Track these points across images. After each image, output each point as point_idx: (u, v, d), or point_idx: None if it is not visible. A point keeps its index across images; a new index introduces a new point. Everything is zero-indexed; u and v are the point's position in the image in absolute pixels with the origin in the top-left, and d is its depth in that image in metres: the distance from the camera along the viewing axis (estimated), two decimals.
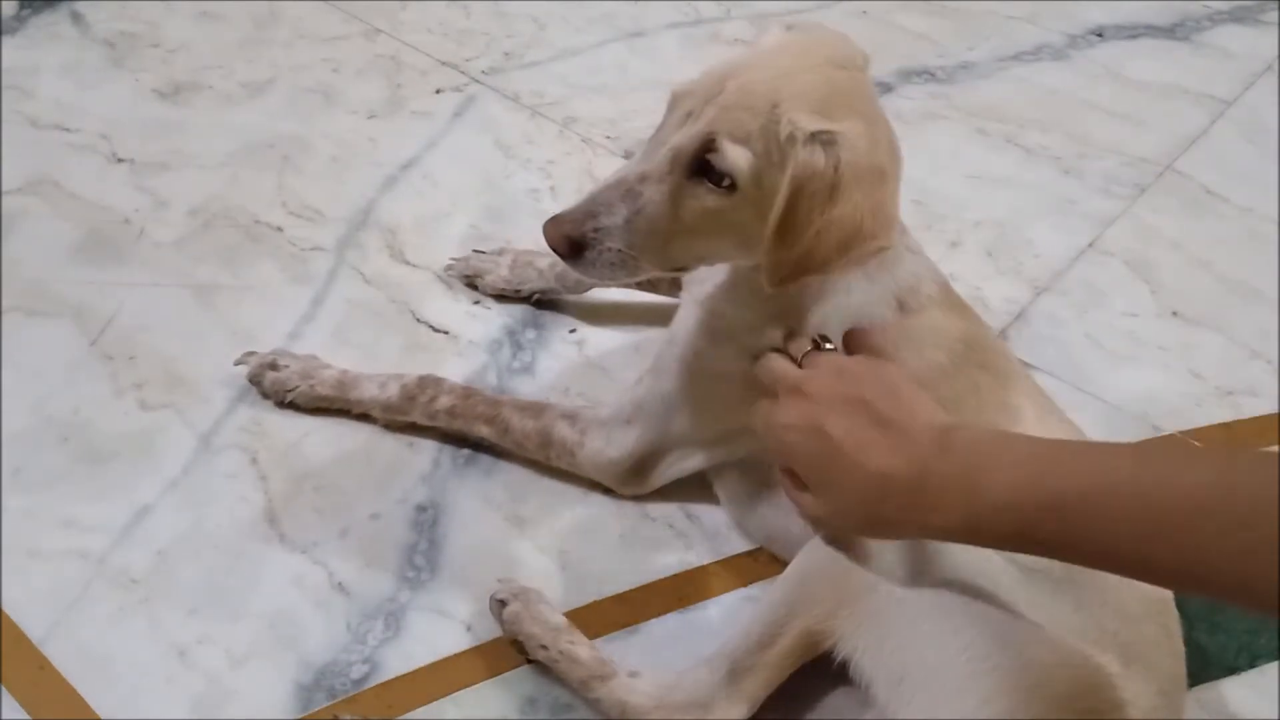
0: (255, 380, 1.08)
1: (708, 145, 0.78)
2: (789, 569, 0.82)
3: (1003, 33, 1.64)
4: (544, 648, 0.89)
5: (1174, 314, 1.24)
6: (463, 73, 1.52)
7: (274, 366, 1.07)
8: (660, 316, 1.17)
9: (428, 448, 1.06)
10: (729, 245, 0.83)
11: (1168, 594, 0.82)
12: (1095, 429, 0.90)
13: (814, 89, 0.77)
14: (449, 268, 1.23)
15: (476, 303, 1.20)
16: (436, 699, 0.90)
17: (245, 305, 1.19)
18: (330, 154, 1.39)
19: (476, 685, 0.90)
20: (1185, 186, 1.40)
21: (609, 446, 0.98)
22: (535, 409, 1.01)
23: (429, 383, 1.04)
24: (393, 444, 1.06)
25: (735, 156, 0.77)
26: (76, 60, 1.52)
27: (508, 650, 0.92)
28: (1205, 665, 0.93)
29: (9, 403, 1.09)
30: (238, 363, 1.08)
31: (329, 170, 1.37)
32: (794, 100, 0.76)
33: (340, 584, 0.96)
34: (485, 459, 1.05)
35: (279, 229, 1.29)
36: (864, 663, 0.77)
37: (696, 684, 0.82)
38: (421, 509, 1.02)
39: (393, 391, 1.04)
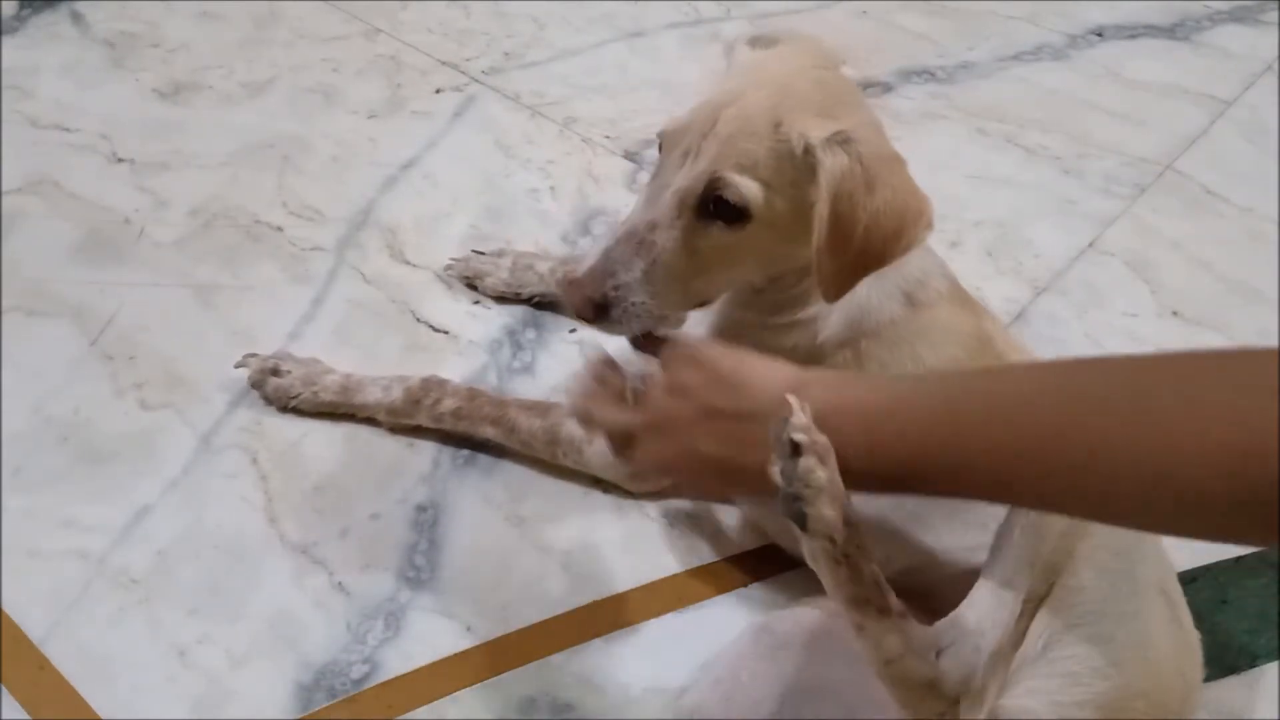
0: (257, 385, 1.08)
1: (714, 184, 0.76)
2: (1017, 527, 0.73)
3: (1003, 33, 1.64)
4: (831, 540, 0.70)
5: (1174, 314, 1.24)
6: (463, 73, 1.52)
7: (276, 372, 1.07)
8: None
9: (428, 448, 1.06)
10: (750, 271, 0.83)
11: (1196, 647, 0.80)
12: None
13: (809, 96, 0.77)
14: (449, 268, 1.23)
15: (476, 303, 1.20)
16: (436, 699, 0.90)
17: (245, 305, 1.19)
18: (330, 154, 1.39)
19: (476, 685, 0.90)
20: (1185, 186, 1.40)
21: None
22: (541, 408, 1.01)
23: (433, 385, 1.04)
24: (393, 444, 1.06)
25: (746, 189, 0.76)
26: (76, 60, 1.52)
27: (508, 650, 0.92)
28: (1205, 665, 0.93)
29: (9, 403, 1.09)
30: (238, 365, 1.08)
31: (329, 170, 1.37)
32: (795, 114, 0.76)
33: (340, 584, 0.96)
34: (485, 459, 1.05)
35: (279, 229, 1.29)
36: (1047, 616, 0.72)
37: (968, 669, 0.71)
38: (421, 509, 1.02)
39: (397, 395, 1.04)
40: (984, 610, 0.73)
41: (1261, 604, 0.97)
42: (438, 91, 1.49)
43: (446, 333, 1.17)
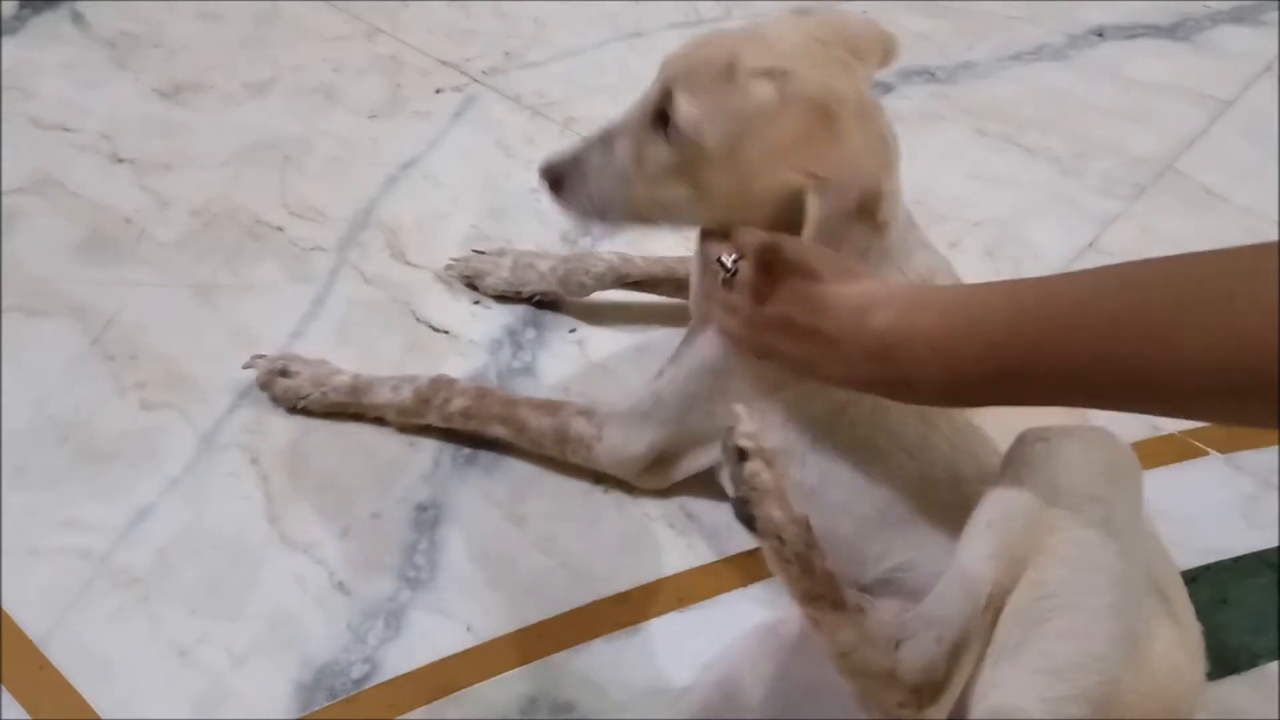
0: (265, 386, 1.08)
1: (664, 97, 0.82)
2: (985, 521, 0.74)
3: (1003, 33, 1.64)
4: (780, 540, 0.74)
5: None
6: (463, 73, 1.53)
7: (285, 373, 1.07)
8: (661, 316, 1.17)
9: (428, 447, 1.06)
10: (684, 199, 0.86)
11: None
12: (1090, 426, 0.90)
13: (780, 46, 0.80)
14: (449, 268, 1.23)
15: (477, 302, 1.20)
16: (436, 699, 0.90)
17: (246, 305, 1.20)
18: (331, 154, 1.39)
19: (476, 685, 0.90)
20: (1185, 186, 1.40)
21: (626, 441, 0.98)
22: (550, 406, 1.01)
23: (442, 384, 1.04)
24: (393, 443, 1.06)
25: (683, 107, 0.81)
26: (77, 60, 1.52)
27: (508, 650, 0.92)
28: (1205, 665, 0.93)
29: (9, 402, 1.09)
30: (246, 366, 1.08)
31: (330, 170, 1.37)
32: (754, 54, 0.80)
33: (340, 583, 0.96)
34: (486, 458, 1.05)
35: (280, 229, 1.29)
36: (1012, 607, 0.72)
37: (929, 657, 0.72)
38: (422, 508, 1.02)
39: (406, 395, 1.04)
40: (947, 602, 0.73)
41: (1261, 604, 0.97)
42: (438, 91, 1.49)
43: (447, 332, 1.17)
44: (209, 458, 1.05)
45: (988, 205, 1.36)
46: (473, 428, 1.03)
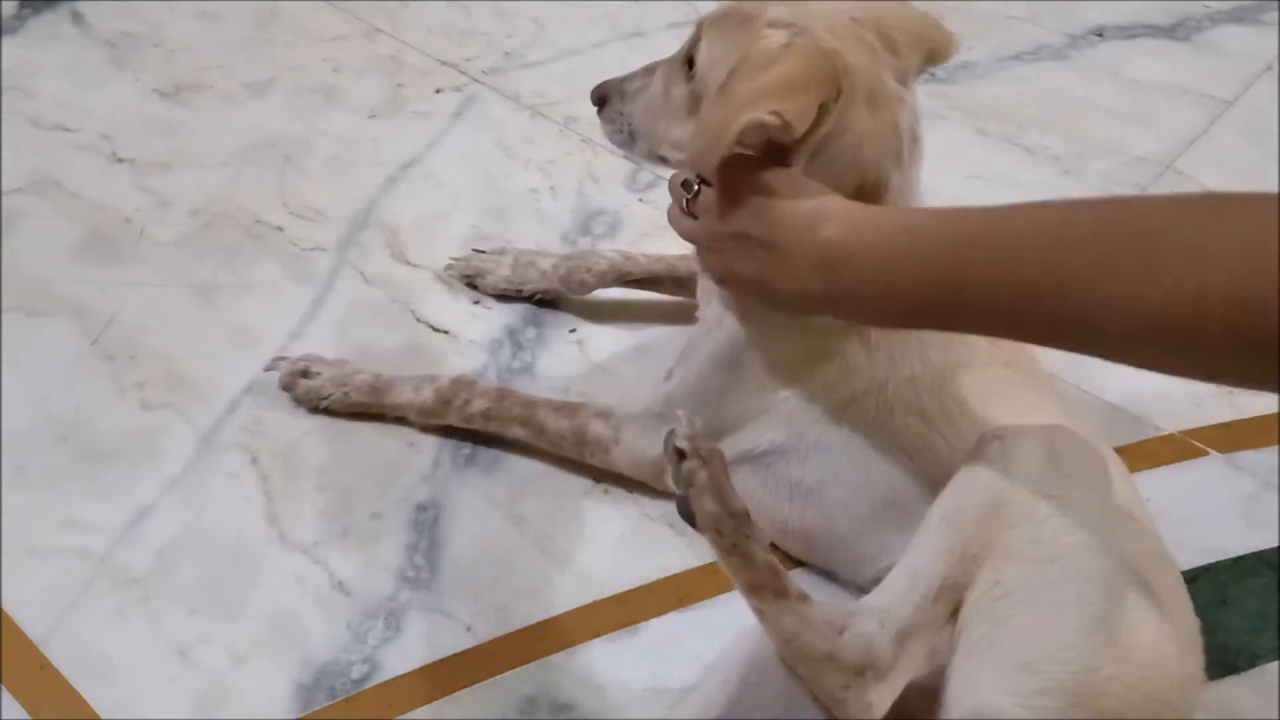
0: (288, 388, 1.08)
1: (698, 34, 0.86)
2: (938, 516, 0.75)
3: (1003, 32, 1.64)
4: (719, 533, 0.76)
5: None
6: (463, 73, 1.53)
7: (307, 374, 1.07)
8: (662, 315, 1.17)
9: (428, 447, 1.06)
10: (690, 136, 0.86)
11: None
12: (1096, 429, 0.90)
13: (811, 9, 0.80)
14: (449, 267, 1.23)
15: (477, 302, 1.20)
16: (436, 699, 0.90)
17: (246, 305, 1.19)
18: (331, 154, 1.39)
19: (477, 685, 0.90)
20: (1185, 186, 1.40)
21: (642, 442, 0.98)
22: (569, 409, 1.02)
23: (462, 385, 1.04)
24: (393, 443, 1.06)
25: (703, 48, 0.85)
26: (77, 60, 1.52)
27: (508, 650, 0.92)
28: (1205, 665, 0.93)
29: (9, 402, 1.09)
30: (268, 369, 1.09)
31: (330, 170, 1.37)
32: (781, 9, 0.80)
33: (340, 584, 0.96)
34: (485, 458, 1.05)
35: (280, 229, 1.29)
36: (966, 608, 0.72)
37: (870, 641, 0.74)
38: (422, 508, 1.02)
39: (427, 395, 1.04)
40: (894, 591, 0.75)
41: (1261, 604, 0.97)
42: (438, 91, 1.49)
43: (447, 332, 1.17)
44: (209, 458, 1.05)
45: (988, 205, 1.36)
46: (493, 429, 1.04)
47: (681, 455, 0.77)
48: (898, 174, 0.84)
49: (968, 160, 1.43)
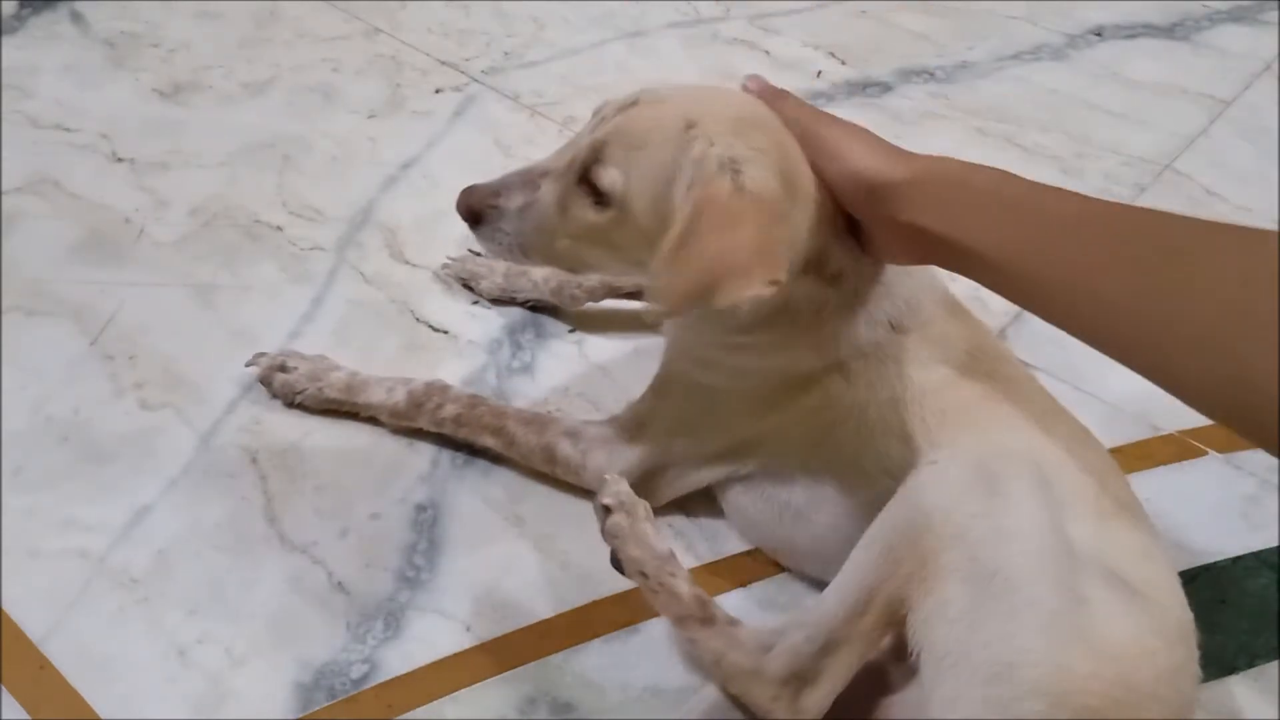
0: (265, 381, 1.08)
1: (595, 154, 0.79)
2: (871, 533, 0.78)
3: (1002, 32, 1.64)
4: (644, 575, 0.85)
5: None
6: (463, 72, 1.53)
7: (284, 369, 1.07)
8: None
9: (427, 448, 1.06)
10: (611, 261, 0.85)
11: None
12: (1095, 429, 0.90)
13: (732, 110, 0.79)
14: (445, 268, 1.23)
15: (476, 303, 1.20)
16: (436, 699, 0.90)
17: (245, 305, 1.19)
18: (330, 154, 1.39)
19: (476, 685, 0.90)
20: (1185, 186, 1.40)
21: (611, 465, 0.97)
22: (539, 423, 1.01)
23: (435, 390, 1.04)
24: (393, 444, 1.06)
25: (611, 175, 0.78)
26: (76, 60, 1.52)
27: (508, 650, 0.92)
28: (1205, 665, 0.93)
29: (9, 403, 1.09)
30: (249, 364, 1.09)
31: (329, 170, 1.37)
32: (712, 120, 0.77)
33: (340, 584, 0.96)
34: (484, 459, 1.05)
35: (279, 229, 1.29)
36: (920, 629, 0.74)
37: (795, 654, 0.79)
38: (421, 509, 1.02)
39: (400, 397, 1.04)
40: (822, 605, 0.78)
41: (1261, 604, 0.97)
42: (438, 91, 1.49)
43: (446, 332, 1.17)
44: (208, 458, 1.05)
45: None
46: (463, 435, 1.03)
47: (608, 510, 0.86)
48: (835, 240, 0.83)
49: (968, 160, 1.42)
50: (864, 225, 0.82)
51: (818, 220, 0.81)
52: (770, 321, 0.86)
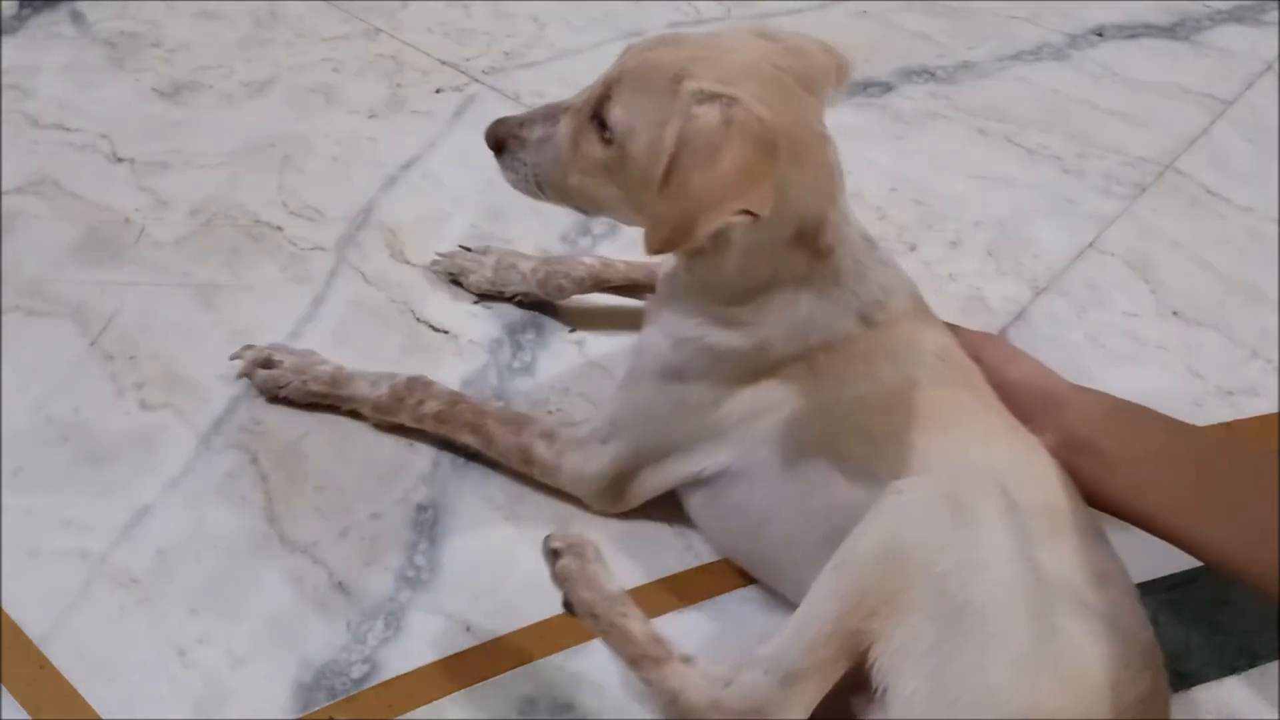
0: (246, 375, 1.08)
1: (606, 93, 0.83)
2: (832, 565, 0.77)
3: (1003, 32, 1.64)
4: (595, 616, 0.84)
5: (1174, 313, 1.24)
6: (463, 72, 1.52)
7: (268, 363, 1.07)
8: None
9: (428, 448, 1.06)
10: (617, 202, 0.87)
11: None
12: None
13: (727, 70, 0.79)
14: (435, 263, 1.22)
15: (476, 302, 1.20)
16: (436, 699, 0.90)
17: (245, 305, 1.19)
18: (330, 154, 1.39)
19: (476, 685, 0.90)
20: (1185, 186, 1.40)
21: (586, 466, 0.97)
22: (517, 423, 1.00)
23: (418, 385, 1.03)
24: (393, 444, 1.06)
25: (617, 113, 0.82)
26: (77, 60, 1.52)
27: (508, 650, 0.92)
28: (1205, 665, 0.93)
29: (9, 403, 1.09)
30: (233, 357, 1.09)
31: (329, 170, 1.37)
32: (704, 72, 0.79)
33: (340, 584, 0.96)
34: (484, 459, 1.05)
35: (279, 228, 1.29)
36: (887, 665, 0.73)
37: (753, 687, 0.78)
38: (421, 509, 1.02)
39: (383, 391, 1.04)
40: (782, 638, 0.77)
41: (1261, 604, 0.97)
42: (438, 91, 1.49)
43: (446, 332, 1.17)
44: (208, 458, 1.05)
45: (988, 205, 1.36)
46: (444, 432, 1.03)
47: (557, 554, 0.85)
48: (834, 210, 0.85)
49: (968, 160, 1.43)
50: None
51: (819, 182, 0.82)
52: (754, 294, 0.86)
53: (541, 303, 1.19)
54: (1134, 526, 0.85)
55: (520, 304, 1.19)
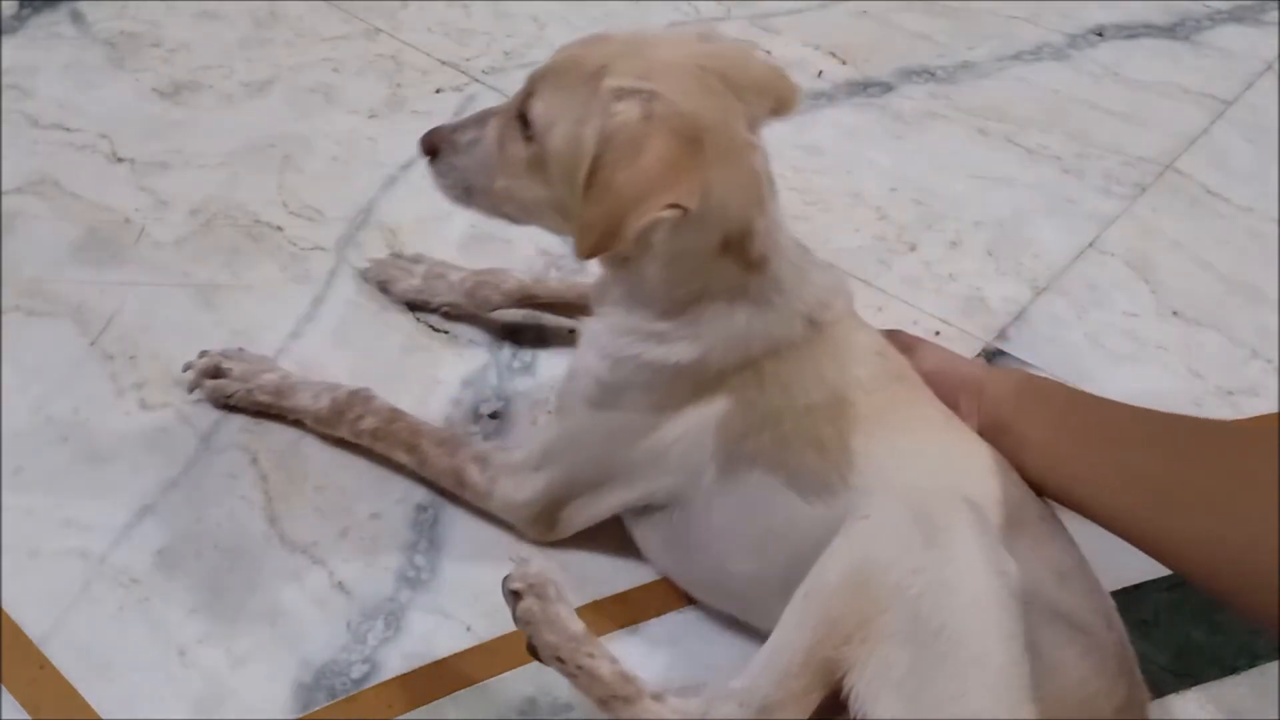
0: (196, 387, 1.07)
1: (530, 90, 0.82)
2: (802, 593, 0.75)
3: (1003, 32, 1.64)
4: (560, 660, 0.81)
5: (1174, 313, 1.24)
6: (463, 72, 1.52)
7: (216, 371, 1.06)
8: None
9: None
10: (540, 204, 0.86)
11: None
12: None
13: (656, 64, 0.78)
14: (365, 271, 1.21)
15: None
16: (436, 699, 0.90)
17: (245, 305, 1.19)
18: (331, 153, 1.39)
19: (476, 685, 0.90)
20: (1185, 186, 1.40)
21: (518, 493, 0.95)
22: (452, 445, 0.98)
23: (358, 400, 1.01)
24: None
25: (538, 107, 0.81)
26: (77, 60, 1.52)
27: (508, 650, 0.92)
28: (1205, 665, 0.93)
29: (9, 403, 1.09)
30: (186, 368, 1.08)
31: (329, 170, 1.37)
32: (625, 67, 0.77)
33: (340, 584, 0.96)
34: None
35: (279, 228, 1.29)
36: (863, 692, 0.71)
37: None
38: (421, 509, 1.02)
39: (324, 404, 1.02)
40: (754, 669, 0.76)
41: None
42: (438, 91, 1.49)
43: (446, 332, 1.17)
44: (208, 458, 1.05)
45: (988, 205, 1.36)
46: (380, 449, 1.01)
47: (518, 596, 0.82)
48: (762, 219, 0.82)
49: (968, 160, 1.43)
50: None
51: (746, 188, 0.80)
52: (687, 306, 0.84)
53: (470, 315, 1.17)
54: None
55: (447, 314, 1.17)
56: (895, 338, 0.94)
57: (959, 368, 0.93)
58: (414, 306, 1.19)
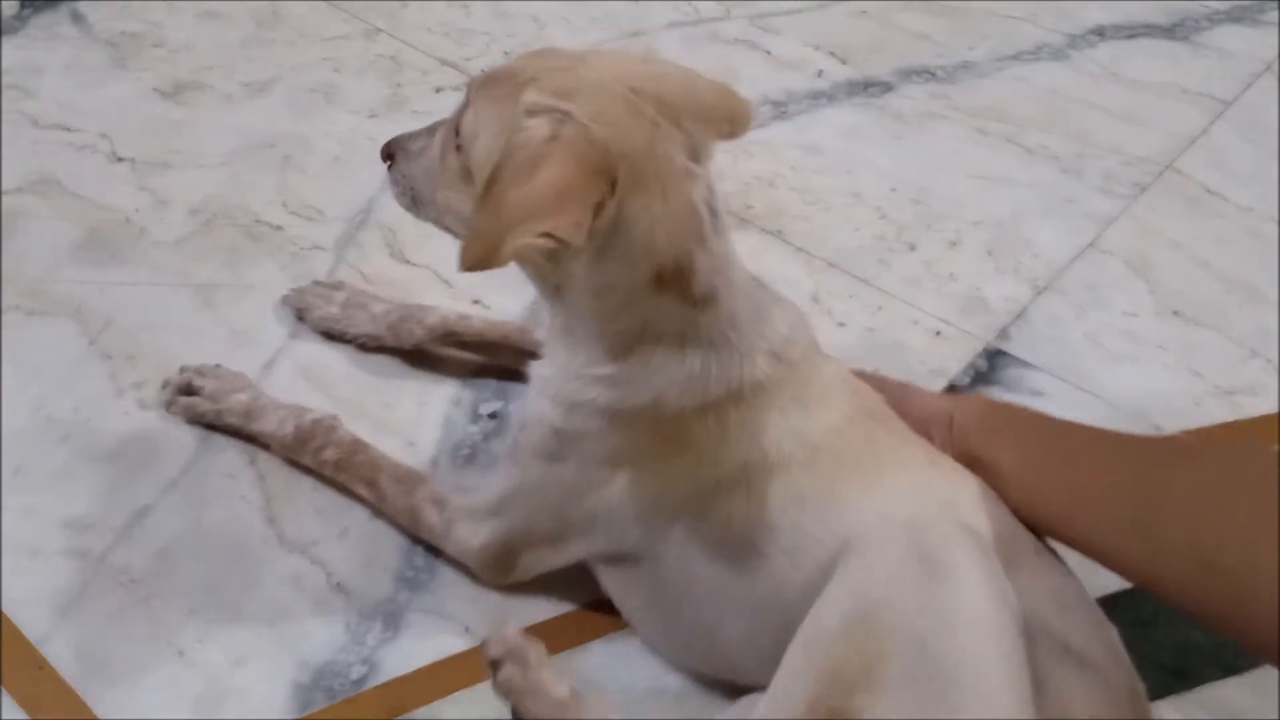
0: (169, 406, 1.07)
1: (468, 100, 0.80)
2: (800, 641, 0.72)
3: (1003, 32, 1.64)
4: None
5: (1174, 313, 1.24)
6: (463, 72, 1.53)
7: (189, 389, 1.06)
8: None
9: (426, 447, 1.06)
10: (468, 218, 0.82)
11: None
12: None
13: (582, 83, 0.74)
14: (285, 299, 1.17)
15: (476, 302, 1.20)
16: (436, 699, 0.90)
17: (245, 304, 1.19)
18: (331, 153, 1.39)
19: (476, 685, 0.90)
20: (1185, 186, 1.40)
21: (473, 539, 0.92)
22: (410, 483, 0.96)
23: (321, 430, 1.00)
24: (392, 442, 1.06)
25: (469, 117, 0.79)
26: (77, 60, 1.52)
27: None
28: (1205, 665, 0.93)
29: (9, 402, 1.09)
30: (164, 384, 1.07)
31: (330, 170, 1.37)
32: (547, 84, 0.74)
33: (340, 584, 0.96)
34: (484, 458, 1.05)
35: (279, 228, 1.29)
36: None
37: None
38: None
39: (288, 430, 1.01)
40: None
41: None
42: (438, 91, 1.49)
43: None
44: (207, 458, 1.05)
45: (988, 205, 1.36)
46: (341, 480, 0.99)
47: (497, 665, 0.79)
48: (703, 253, 0.76)
49: (968, 160, 1.43)
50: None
51: (678, 220, 0.75)
52: (634, 347, 0.79)
53: (380, 347, 1.13)
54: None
55: (364, 347, 1.13)
56: (859, 376, 0.89)
57: (926, 402, 0.90)
58: (330, 336, 1.14)
